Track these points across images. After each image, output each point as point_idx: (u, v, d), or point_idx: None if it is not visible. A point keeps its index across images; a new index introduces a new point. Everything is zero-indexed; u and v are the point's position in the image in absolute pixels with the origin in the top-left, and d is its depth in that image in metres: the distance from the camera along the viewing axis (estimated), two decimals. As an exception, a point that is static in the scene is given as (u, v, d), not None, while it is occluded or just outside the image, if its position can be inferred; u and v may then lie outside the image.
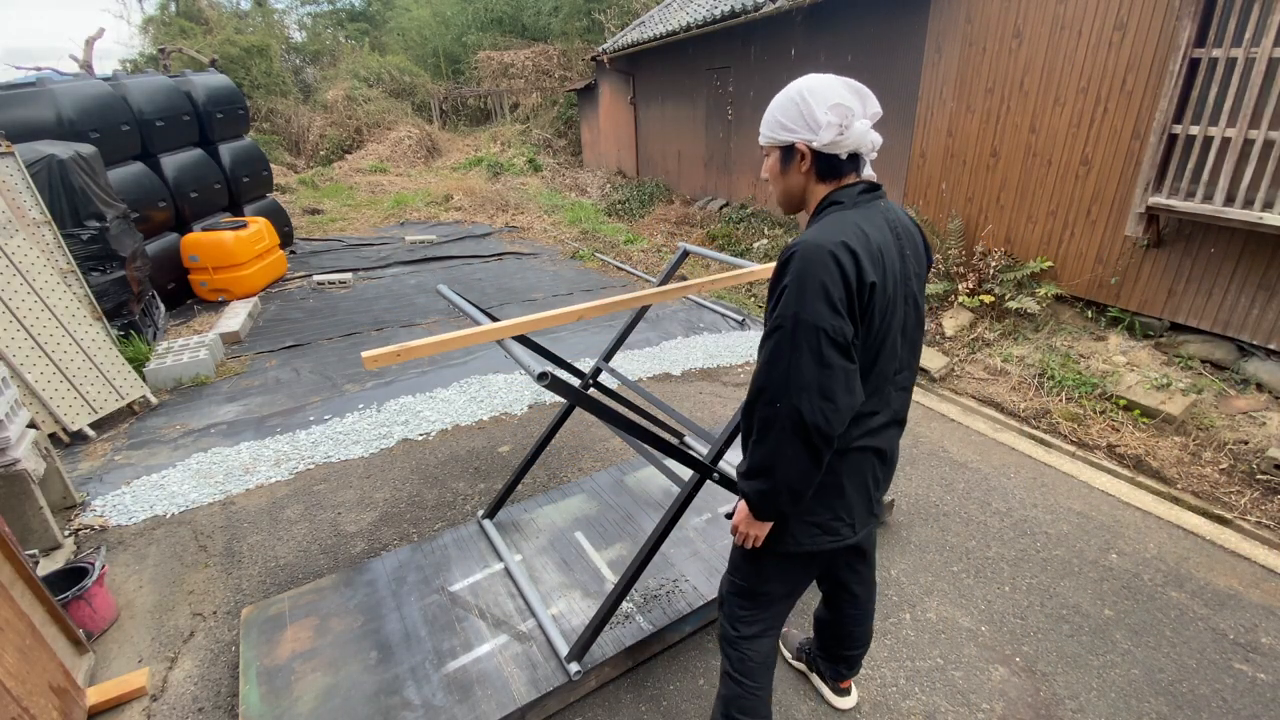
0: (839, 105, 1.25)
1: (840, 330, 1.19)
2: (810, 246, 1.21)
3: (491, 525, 2.63)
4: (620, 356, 4.62)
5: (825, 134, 1.26)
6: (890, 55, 5.49)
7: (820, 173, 1.34)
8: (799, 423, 1.22)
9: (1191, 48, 3.46)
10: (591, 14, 15.44)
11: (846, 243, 1.20)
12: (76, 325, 3.67)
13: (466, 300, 1.98)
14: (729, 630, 1.62)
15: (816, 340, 1.18)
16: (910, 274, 1.34)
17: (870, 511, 1.49)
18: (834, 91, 1.27)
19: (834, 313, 1.18)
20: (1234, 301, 3.67)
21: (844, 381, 1.21)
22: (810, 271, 1.19)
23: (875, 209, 1.31)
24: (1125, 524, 2.81)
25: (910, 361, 1.43)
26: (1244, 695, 2.02)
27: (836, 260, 1.19)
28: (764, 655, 1.60)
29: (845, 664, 1.94)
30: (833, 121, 1.26)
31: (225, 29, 17.31)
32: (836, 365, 1.20)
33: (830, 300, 1.18)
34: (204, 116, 6.82)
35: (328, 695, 1.93)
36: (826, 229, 1.24)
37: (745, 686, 1.60)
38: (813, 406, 1.20)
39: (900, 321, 1.33)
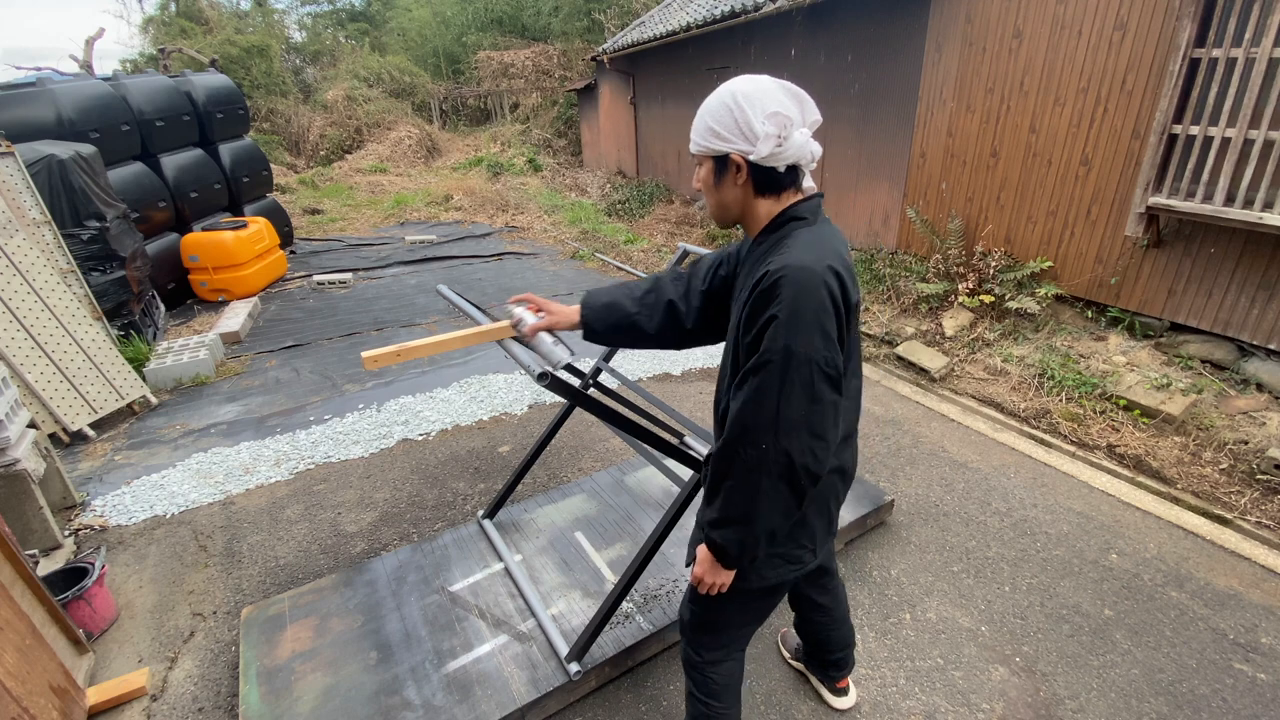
0: (777, 114, 1.14)
1: (833, 362, 1.12)
2: (802, 272, 1.10)
3: (491, 525, 2.63)
4: (620, 356, 4.62)
5: (763, 146, 1.15)
6: (890, 55, 5.49)
7: (758, 186, 1.23)
8: (788, 465, 1.13)
9: (1191, 48, 3.46)
10: (591, 14, 15.44)
11: (833, 266, 1.12)
12: (76, 325, 3.67)
13: (466, 300, 1.98)
14: (691, 655, 1.57)
15: (810, 375, 1.10)
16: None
17: (829, 531, 1.45)
18: (771, 97, 1.15)
19: (827, 343, 1.11)
20: (1234, 301, 3.67)
21: (834, 416, 1.14)
22: (804, 300, 1.09)
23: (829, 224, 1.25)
24: (1125, 524, 2.81)
25: (858, 368, 1.36)
26: (1244, 695, 2.02)
27: (828, 286, 1.10)
28: (727, 677, 1.57)
29: (834, 666, 1.95)
30: (770, 132, 1.14)
31: (225, 29, 17.31)
32: (827, 400, 1.12)
33: (825, 331, 1.10)
34: (204, 116, 6.82)
35: (328, 695, 1.93)
36: (811, 251, 1.14)
37: (711, 707, 1.57)
38: (803, 447, 1.12)
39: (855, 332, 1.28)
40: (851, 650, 1.93)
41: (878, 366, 4.49)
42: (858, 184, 6.22)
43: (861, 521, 2.70)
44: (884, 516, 2.83)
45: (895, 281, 5.29)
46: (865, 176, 6.08)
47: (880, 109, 5.72)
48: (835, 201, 6.52)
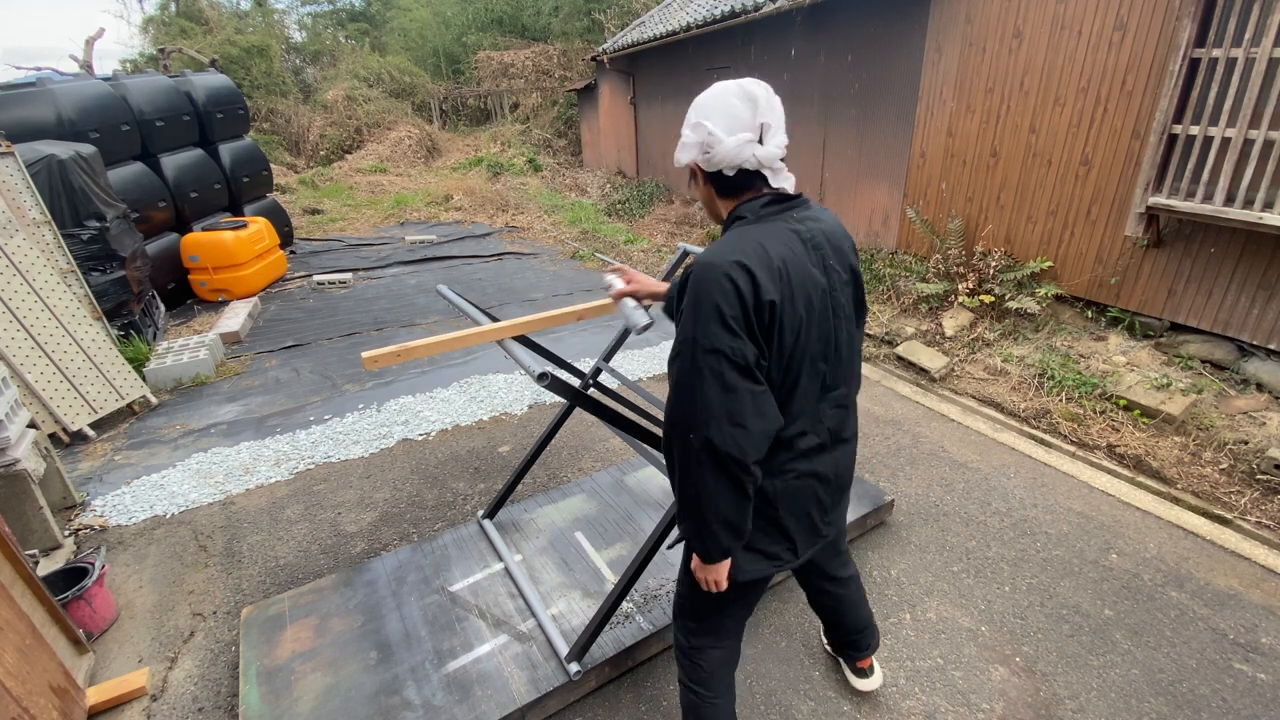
0: (699, 125, 1.21)
1: (739, 352, 1.13)
2: (703, 266, 1.16)
3: (491, 525, 2.63)
4: (620, 356, 4.62)
5: (684, 154, 1.26)
6: (890, 55, 5.49)
7: (717, 189, 1.29)
8: (713, 453, 1.16)
9: (1191, 48, 3.46)
10: (591, 14, 15.44)
11: (741, 261, 1.14)
12: (76, 325, 3.67)
13: (466, 300, 1.98)
14: (681, 639, 1.60)
15: (718, 364, 1.13)
16: (836, 285, 1.27)
17: (816, 534, 1.45)
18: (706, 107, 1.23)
19: (731, 334, 1.13)
20: (1234, 301, 3.67)
21: (752, 405, 1.16)
22: (704, 292, 1.14)
23: (782, 222, 1.23)
24: (1125, 524, 2.81)
25: (846, 377, 1.36)
26: (1244, 695, 2.02)
27: (731, 279, 1.13)
28: (715, 665, 1.58)
29: (851, 647, 1.96)
30: (690, 141, 1.23)
31: (225, 29, 17.31)
32: (742, 389, 1.14)
33: (725, 322, 1.13)
34: (204, 116, 6.82)
35: (328, 695, 1.93)
36: (723, 247, 1.18)
37: (700, 695, 1.58)
38: (723, 435, 1.14)
39: (826, 336, 1.27)
40: (867, 633, 1.93)
41: (878, 366, 4.49)
42: (858, 184, 6.21)
43: (861, 521, 2.70)
44: (884, 516, 2.83)
45: (895, 281, 5.29)
46: (865, 176, 6.08)
47: (880, 109, 5.72)
48: (835, 201, 6.52)
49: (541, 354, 2.29)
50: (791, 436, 1.31)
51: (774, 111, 1.21)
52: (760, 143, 1.21)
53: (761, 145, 1.21)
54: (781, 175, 1.26)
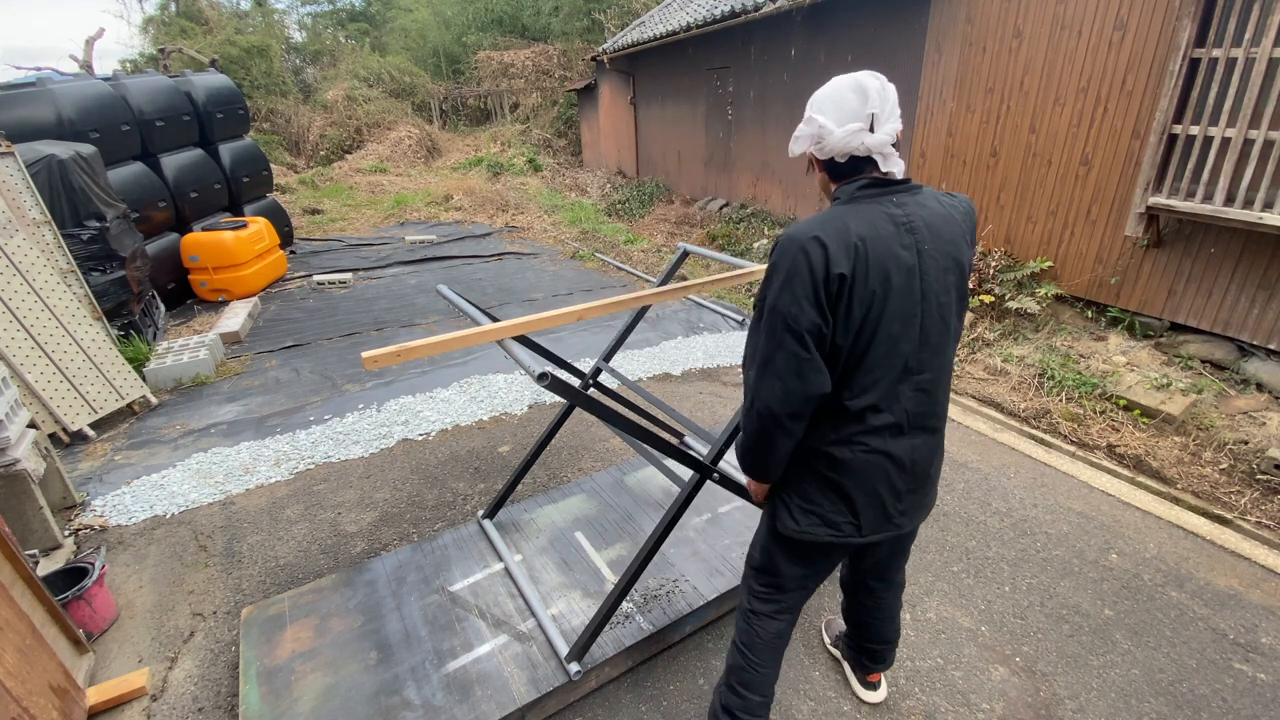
0: (811, 119, 1.32)
1: (798, 318, 1.24)
2: (787, 238, 1.28)
3: (491, 525, 2.63)
4: (620, 356, 4.62)
5: (797, 146, 1.37)
6: (890, 55, 5.49)
7: (831, 174, 1.39)
8: (755, 395, 1.33)
9: (1191, 48, 3.46)
10: (591, 14, 15.44)
11: (819, 236, 1.23)
12: (76, 325, 3.67)
13: (466, 300, 1.98)
14: (744, 603, 1.68)
15: (776, 323, 1.27)
16: (929, 270, 1.30)
17: (887, 519, 1.45)
18: (821, 101, 1.32)
19: (794, 301, 1.24)
20: (1234, 301, 3.67)
21: (795, 366, 1.27)
22: (780, 261, 1.27)
23: (877, 205, 1.29)
24: (1125, 524, 2.81)
25: (933, 362, 1.37)
26: (1244, 695, 2.02)
27: (804, 251, 1.23)
28: (771, 635, 1.64)
29: (868, 655, 1.95)
30: (803, 134, 1.35)
31: (225, 29, 17.32)
32: (789, 349, 1.26)
33: (792, 288, 1.24)
34: (204, 116, 6.82)
35: (328, 695, 1.93)
36: (810, 222, 1.28)
37: (748, 660, 1.64)
38: (766, 384, 1.30)
39: (909, 317, 1.29)
40: (892, 648, 1.93)
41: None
42: (858, 184, 6.20)
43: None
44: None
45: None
46: (865, 176, 6.07)
47: (880, 109, 5.72)
48: (835, 201, 6.52)
49: (541, 354, 2.29)
50: (862, 409, 1.35)
51: (886, 101, 1.28)
52: (871, 131, 1.29)
53: (872, 133, 1.29)
54: (892, 160, 1.33)
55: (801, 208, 7.25)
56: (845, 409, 1.35)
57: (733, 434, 1.86)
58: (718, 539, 2.53)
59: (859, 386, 1.33)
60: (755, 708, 1.66)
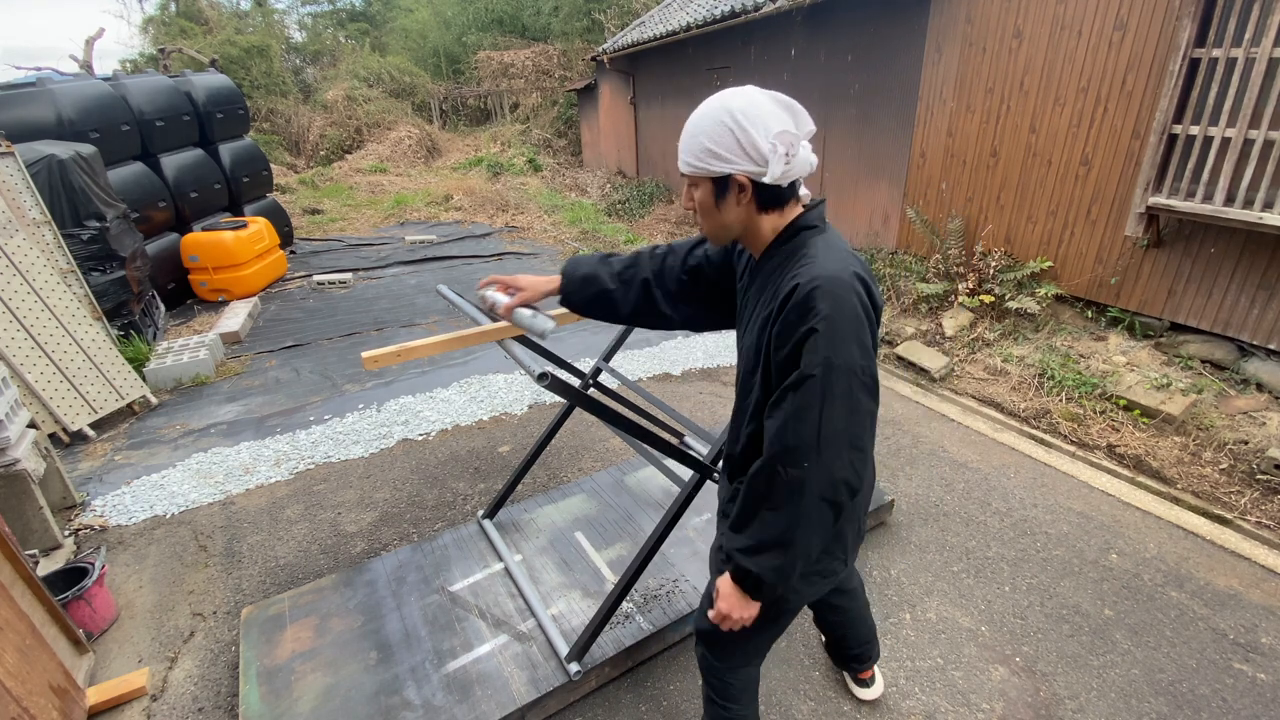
0: (784, 133, 1.11)
1: (869, 371, 1.10)
2: (833, 283, 1.08)
3: (491, 525, 2.63)
4: (620, 356, 4.62)
5: (775, 166, 1.11)
6: (890, 55, 5.49)
7: (761, 204, 1.19)
8: (830, 482, 1.10)
9: (1191, 48, 3.46)
10: (591, 14, 15.44)
11: (858, 273, 1.11)
12: (76, 325, 3.67)
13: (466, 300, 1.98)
14: (712, 661, 1.54)
15: (849, 386, 1.07)
16: None
17: (860, 539, 1.43)
18: (772, 115, 1.12)
19: (864, 353, 1.08)
20: (1234, 301, 3.67)
21: (871, 427, 1.13)
22: (840, 311, 1.07)
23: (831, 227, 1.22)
24: (1125, 524, 2.81)
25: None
26: (1244, 695, 2.02)
27: (858, 295, 1.09)
28: (746, 681, 1.57)
29: (854, 660, 1.95)
30: (780, 152, 1.11)
31: (225, 29, 17.31)
32: (864, 410, 1.10)
33: (861, 340, 1.08)
34: (204, 116, 6.82)
35: (328, 695, 1.93)
36: (834, 258, 1.12)
37: (730, 710, 1.57)
38: (845, 461, 1.09)
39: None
40: (871, 645, 1.93)
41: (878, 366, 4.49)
42: (857, 184, 6.21)
43: (861, 521, 2.70)
44: (884, 516, 2.83)
45: (895, 281, 5.29)
46: (865, 176, 6.08)
47: (880, 109, 5.72)
48: (835, 201, 6.52)
49: (541, 354, 2.29)
50: None
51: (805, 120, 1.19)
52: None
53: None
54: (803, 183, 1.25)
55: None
56: None
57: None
58: (718, 539, 2.53)
59: None
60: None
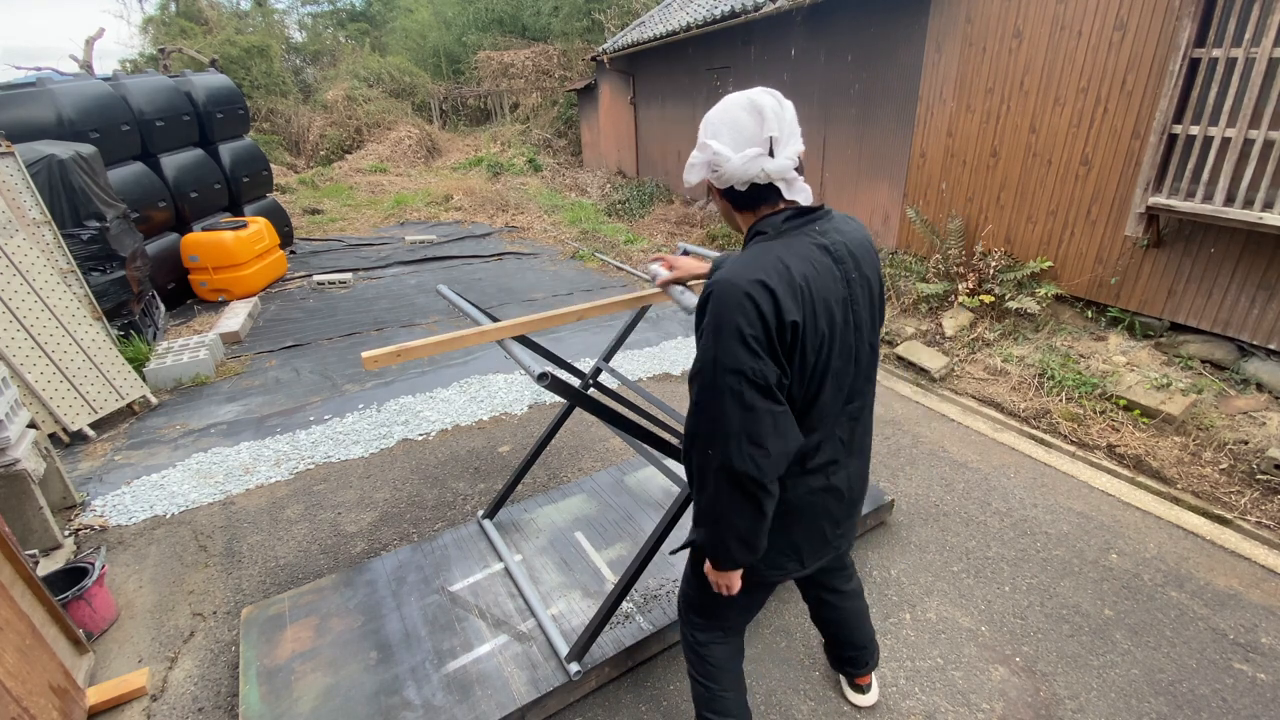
0: (704, 145, 1.20)
1: (760, 372, 1.12)
2: (724, 285, 1.14)
3: (491, 525, 2.63)
4: (620, 356, 4.62)
5: (691, 174, 1.24)
6: (890, 55, 5.49)
7: (734, 204, 1.26)
8: (730, 470, 1.16)
9: (1191, 48, 3.46)
10: (591, 14, 15.44)
11: (763, 280, 1.12)
12: (76, 325, 3.67)
13: (466, 300, 1.98)
14: (688, 636, 1.64)
15: (738, 384, 1.13)
16: (858, 298, 1.26)
17: (826, 546, 1.46)
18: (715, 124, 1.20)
19: (752, 355, 1.12)
20: (1234, 301, 3.67)
21: (771, 425, 1.15)
22: (725, 313, 1.13)
23: (805, 236, 1.21)
24: (1125, 524, 2.81)
25: (864, 388, 1.36)
26: (1244, 695, 2.02)
27: (752, 299, 1.11)
28: (723, 659, 1.61)
29: (847, 662, 1.95)
30: (696, 161, 1.22)
31: (225, 29, 17.32)
32: (761, 409, 1.13)
33: (746, 342, 1.12)
34: (204, 116, 6.82)
35: (328, 695, 1.93)
36: (744, 264, 1.16)
37: (710, 689, 1.62)
38: (742, 454, 1.14)
39: (846, 350, 1.26)
40: (867, 651, 1.93)
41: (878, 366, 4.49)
42: (858, 184, 6.21)
43: (861, 521, 2.70)
44: (884, 516, 2.83)
45: (895, 281, 5.29)
46: (865, 176, 6.08)
47: (880, 109, 5.72)
48: (835, 201, 6.52)
49: (541, 354, 2.29)
50: (805, 452, 1.30)
51: (784, 122, 1.17)
52: (771, 155, 1.17)
53: (772, 159, 1.17)
54: (796, 186, 1.22)
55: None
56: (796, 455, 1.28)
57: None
58: (718, 539, 2.53)
59: (807, 429, 1.27)
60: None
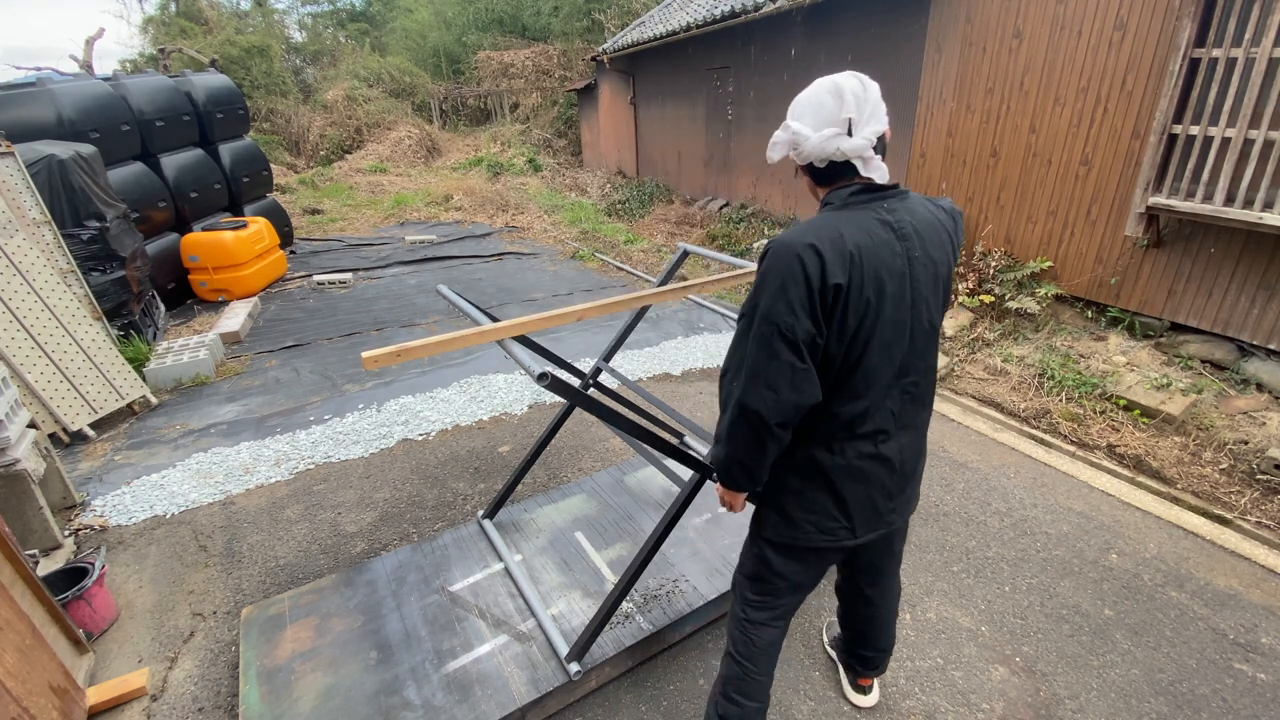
0: (786, 125, 1.32)
1: (792, 328, 1.23)
2: (779, 245, 1.26)
3: (491, 525, 2.63)
4: (620, 356, 4.62)
5: (774, 152, 1.36)
6: (890, 55, 5.49)
7: (814, 179, 1.39)
8: (743, 405, 1.30)
9: (1191, 48, 3.46)
10: (591, 14, 15.44)
11: (815, 245, 1.22)
12: (76, 325, 3.67)
13: (466, 300, 1.98)
14: (738, 612, 1.66)
15: (771, 333, 1.24)
16: (919, 276, 1.31)
17: (879, 518, 1.48)
18: (799, 106, 1.32)
19: (788, 310, 1.22)
20: (1234, 301, 3.67)
21: (789, 377, 1.25)
22: (773, 269, 1.25)
23: (869, 211, 1.29)
24: (1125, 524, 2.81)
25: (919, 366, 1.40)
26: (1244, 695, 2.02)
27: (801, 260, 1.21)
28: (768, 642, 1.64)
29: (860, 661, 1.94)
30: (779, 140, 1.34)
31: (225, 29, 17.32)
32: (784, 359, 1.25)
33: (787, 298, 1.22)
34: (204, 116, 6.82)
35: (328, 695, 1.93)
36: (803, 230, 1.26)
37: (746, 669, 1.63)
38: (757, 394, 1.27)
39: (900, 323, 1.31)
40: (885, 654, 1.92)
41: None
42: (858, 184, 6.20)
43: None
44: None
45: (895, 281, 5.29)
46: (865, 176, 6.07)
47: (880, 109, 5.72)
48: (835, 201, 6.51)
49: (541, 354, 2.29)
50: (853, 418, 1.36)
51: (865, 103, 1.27)
52: (849, 135, 1.27)
53: (849, 138, 1.26)
54: (872, 164, 1.30)
55: (802, 207, 7.25)
56: (837, 416, 1.35)
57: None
58: (718, 539, 2.53)
59: (851, 394, 1.33)
60: (753, 714, 1.65)
